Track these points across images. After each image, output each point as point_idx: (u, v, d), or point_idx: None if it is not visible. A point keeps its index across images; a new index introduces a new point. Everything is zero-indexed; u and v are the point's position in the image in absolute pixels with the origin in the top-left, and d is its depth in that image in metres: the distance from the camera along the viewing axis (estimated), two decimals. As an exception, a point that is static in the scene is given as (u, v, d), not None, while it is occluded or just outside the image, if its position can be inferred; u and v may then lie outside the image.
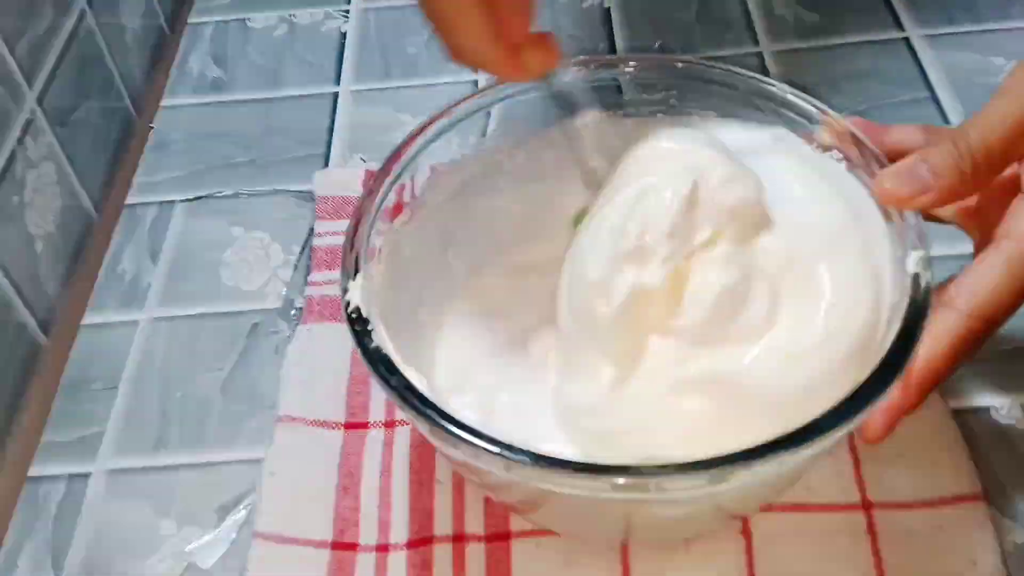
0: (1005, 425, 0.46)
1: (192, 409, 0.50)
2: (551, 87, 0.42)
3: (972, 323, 0.35)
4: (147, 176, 0.62)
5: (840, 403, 0.33)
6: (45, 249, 0.55)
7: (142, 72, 0.69)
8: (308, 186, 0.59)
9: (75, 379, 0.52)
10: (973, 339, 0.35)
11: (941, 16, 0.65)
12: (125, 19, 0.67)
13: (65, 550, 0.45)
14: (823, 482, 0.43)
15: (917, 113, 0.60)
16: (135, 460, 0.48)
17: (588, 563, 0.42)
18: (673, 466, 0.32)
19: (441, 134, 0.45)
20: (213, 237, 0.58)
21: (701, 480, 0.32)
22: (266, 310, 0.54)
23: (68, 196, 0.58)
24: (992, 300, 0.35)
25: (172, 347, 0.53)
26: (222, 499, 0.46)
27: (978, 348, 0.35)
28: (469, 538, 0.43)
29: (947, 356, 0.35)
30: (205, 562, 0.44)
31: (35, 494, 0.47)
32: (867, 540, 0.42)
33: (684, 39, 0.66)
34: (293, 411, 0.48)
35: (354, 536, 0.44)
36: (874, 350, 0.35)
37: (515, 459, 0.33)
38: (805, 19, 0.67)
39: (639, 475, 0.32)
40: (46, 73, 0.57)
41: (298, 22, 0.72)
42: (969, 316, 0.35)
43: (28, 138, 0.54)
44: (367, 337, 0.37)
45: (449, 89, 0.65)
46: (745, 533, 0.42)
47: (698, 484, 0.32)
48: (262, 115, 0.65)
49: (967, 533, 0.42)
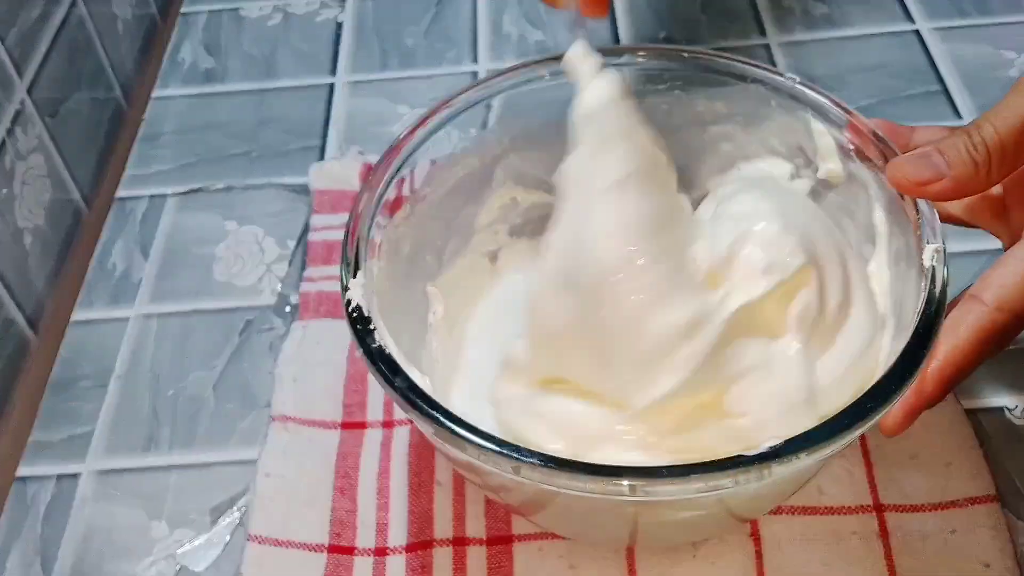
0: (1019, 426, 0.45)
1: (184, 408, 0.49)
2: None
3: (997, 316, 0.34)
4: (138, 169, 0.61)
5: (857, 400, 0.33)
6: (34, 243, 0.53)
7: (133, 62, 0.68)
8: (303, 179, 0.58)
9: (64, 377, 0.51)
10: (998, 332, 0.34)
11: (951, 9, 0.65)
12: (116, 8, 0.66)
13: (54, 553, 0.44)
14: (834, 484, 0.43)
15: (927, 106, 0.59)
16: (126, 460, 0.47)
17: (593, 568, 0.41)
18: (684, 467, 0.31)
19: (441, 126, 0.44)
20: (205, 231, 0.57)
21: (714, 482, 0.31)
22: (260, 306, 0.53)
23: (58, 189, 0.57)
24: (1019, 294, 0.34)
25: (163, 344, 0.51)
26: (215, 500, 0.45)
27: (1005, 343, 0.35)
28: (470, 541, 0.42)
29: (970, 348, 0.34)
30: (198, 565, 0.43)
31: (23, 495, 0.46)
32: (879, 543, 0.41)
33: (690, 30, 0.65)
34: (288, 410, 0.47)
35: (351, 539, 0.43)
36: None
37: (525, 461, 0.32)
38: (813, 11, 0.66)
39: (650, 477, 0.31)
40: (36, 63, 0.56)
41: (293, 11, 0.70)
42: (995, 309, 0.34)
43: (18, 129, 0.53)
44: (369, 336, 0.36)
45: (447, 80, 0.64)
46: (755, 536, 0.41)
47: (711, 486, 0.31)
48: (256, 106, 0.64)
49: (980, 535, 0.41)
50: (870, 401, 0.33)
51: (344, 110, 0.63)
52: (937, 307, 0.35)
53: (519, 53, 0.65)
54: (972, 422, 0.44)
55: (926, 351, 0.34)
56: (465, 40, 0.67)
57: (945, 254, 0.36)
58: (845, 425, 0.32)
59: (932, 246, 0.36)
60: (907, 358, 0.34)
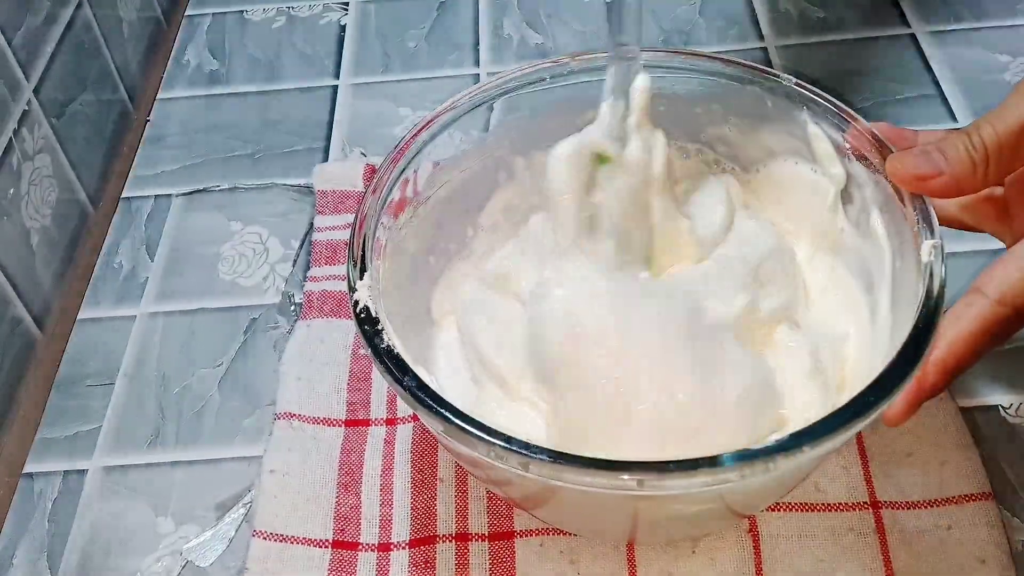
0: (1014, 424, 0.45)
1: (190, 405, 0.49)
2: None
3: (999, 309, 0.35)
4: (144, 169, 0.61)
5: (861, 393, 0.33)
6: (41, 242, 0.54)
7: (139, 64, 0.68)
8: (307, 180, 0.59)
9: (71, 375, 0.51)
10: (1000, 325, 0.35)
11: (947, 13, 0.65)
12: (122, 11, 0.67)
13: (61, 548, 0.44)
14: (831, 482, 0.43)
15: (923, 109, 0.59)
16: (132, 457, 0.48)
17: (594, 563, 0.42)
18: (691, 461, 0.32)
19: (445, 128, 0.44)
20: (210, 231, 0.57)
21: (721, 476, 0.32)
22: (264, 305, 0.53)
23: (64, 189, 0.57)
24: (1020, 289, 0.35)
25: (169, 343, 0.52)
26: (220, 497, 0.46)
27: (1005, 337, 0.35)
28: (472, 537, 0.43)
29: (971, 339, 0.35)
30: (203, 561, 0.44)
31: (30, 491, 0.47)
32: (875, 539, 0.41)
33: (688, 34, 0.66)
34: (292, 408, 0.47)
35: (355, 535, 0.43)
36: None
37: (535, 457, 0.32)
38: (810, 14, 0.66)
39: (660, 471, 0.32)
40: (43, 65, 0.56)
41: (297, 14, 0.71)
42: (996, 303, 0.35)
43: (24, 130, 0.53)
44: (377, 337, 0.36)
45: (449, 83, 0.64)
46: (753, 533, 0.42)
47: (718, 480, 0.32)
48: (260, 108, 0.64)
49: (976, 532, 0.41)
50: (873, 394, 0.33)
51: (347, 112, 0.63)
52: (936, 301, 0.35)
53: (520, 56, 0.66)
54: (968, 420, 0.45)
55: (927, 344, 0.34)
56: (467, 43, 0.67)
57: (943, 250, 0.36)
58: (849, 418, 0.33)
59: (929, 242, 0.37)
60: (908, 351, 0.34)
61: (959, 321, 0.35)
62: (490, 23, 0.68)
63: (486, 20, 0.69)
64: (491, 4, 0.70)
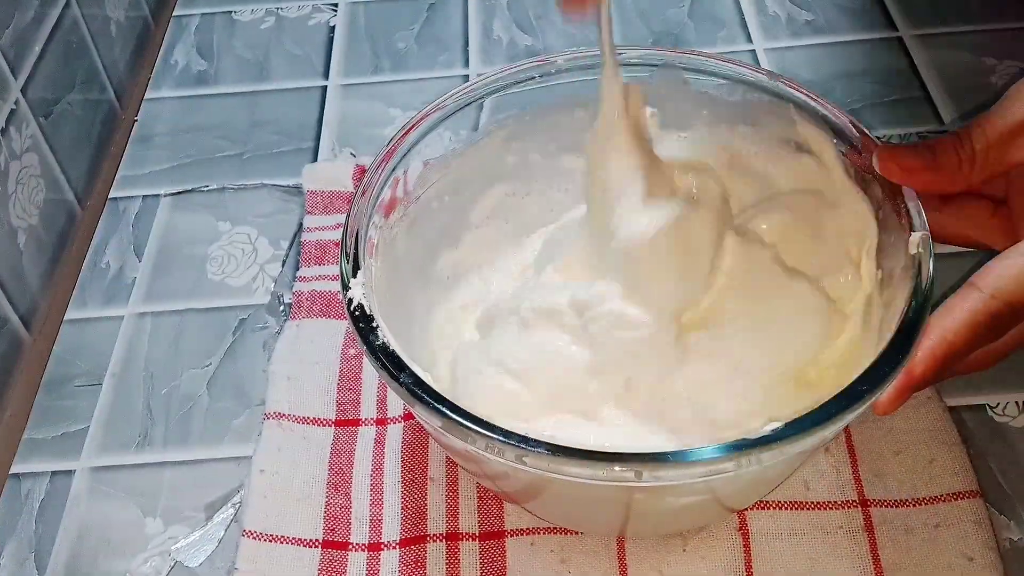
0: (1001, 423, 0.46)
1: (178, 406, 0.49)
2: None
3: (991, 303, 0.35)
4: (131, 169, 0.61)
5: (851, 384, 0.33)
6: (28, 242, 0.54)
7: (126, 64, 0.68)
8: (296, 180, 0.59)
9: (58, 375, 0.51)
10: (993, 319, 0.35)
11: (933, 16, 0.66)
12: (110, 10, 0.66)
13: (48, 549, 0.44)
14: (820, 480, 0.43)
15: (909, 112, 0.60)
16: (120, 457, 0.47)
17: (585, 562, 0.42)
18: (687, 452, 0.32)
19: (434, 127, 0.44)
20: (199, 231, 0.57)
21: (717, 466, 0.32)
22: (253, 305, 0.53)
23: (52, 188, 0.57)
24: (1016, 284, 0.35)
25: (157, 343, 0.52)
26: (209, 497, 0.46)
27: (998, 331, 0.36)
28: (463, 536, 0.43)
29: (964, 331, 0.35)
30: (192, 561, 0.44)
31: (17, 492, 0.46)
32: (864, 537, 0.42)
33: (677, 36, 0.66)
34: (282, 408, 0.47)
35: (345, 534, 0.43)
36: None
37: (531, 450, 0.32)
38: (798, 17, 0.67)
39: (659, 462, 0.32)
40: (30, 64, 0.56)
41: (285, 15, 0.71)
42: (990, 296, 0.35)
43: (12, 129, 0.53)
44: (372, 334, 0.36)
45: (439, 84, 0.64)
46: (743, 531, 0.42)
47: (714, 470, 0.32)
48: (249, 109, 0.64)
49: (964, 530, 0.42)
50: (863, 384, 0.34)
51: (336, 112, 0.63)
52: (925, 292, 0.36)
53: (509, 58, 0.66)
54: (955, 419, 0.45)
55: (916, 335, 0.35)
56: (456, 44, 0.67)
57: (931, 242, 0.37)
58: (840, 408, 0.33)
59: (918, 234, 0.37)
60: (897, 342, 0.35)
61: (951, 312, 0.35)
62: (479, 25, 0.69)
63: (475, 21, 0.69)
64: (480, 6, 0.70)
